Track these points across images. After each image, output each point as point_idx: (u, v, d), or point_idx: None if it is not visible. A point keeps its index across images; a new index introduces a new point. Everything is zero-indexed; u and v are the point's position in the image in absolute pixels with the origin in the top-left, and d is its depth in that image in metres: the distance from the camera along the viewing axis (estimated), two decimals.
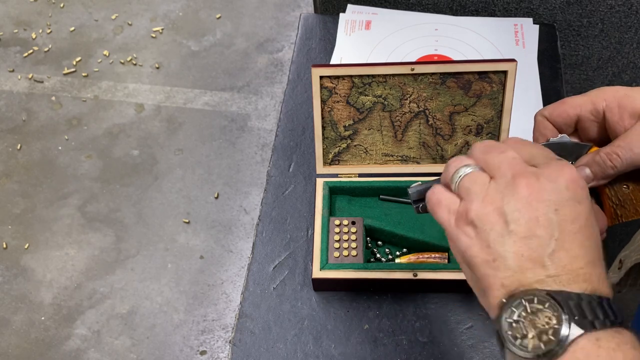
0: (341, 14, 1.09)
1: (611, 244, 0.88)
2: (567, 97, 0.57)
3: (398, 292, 0.78)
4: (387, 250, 0.81)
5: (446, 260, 0.76)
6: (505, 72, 0.75)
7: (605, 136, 0.54)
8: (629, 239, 0.81)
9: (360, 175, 0.83)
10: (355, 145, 0.81)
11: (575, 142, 0.54)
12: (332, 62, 1.03)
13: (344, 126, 0.80)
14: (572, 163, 0.51)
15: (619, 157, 0.49)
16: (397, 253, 0.80)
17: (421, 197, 0.52)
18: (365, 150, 0.82)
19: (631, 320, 0.77)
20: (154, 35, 2.48)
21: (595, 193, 0.54)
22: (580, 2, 1.07)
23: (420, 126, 0.80)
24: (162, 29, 2.51)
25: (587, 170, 0.50)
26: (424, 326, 0.75)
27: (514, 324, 0.39)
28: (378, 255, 0.80)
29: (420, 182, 0.54)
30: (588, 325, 0.37)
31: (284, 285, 0.80)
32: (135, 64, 2.40)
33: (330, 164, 0.83)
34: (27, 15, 2.59)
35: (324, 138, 0.80)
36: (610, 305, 0.38)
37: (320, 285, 0.78)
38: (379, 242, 0.82)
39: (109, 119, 2.24)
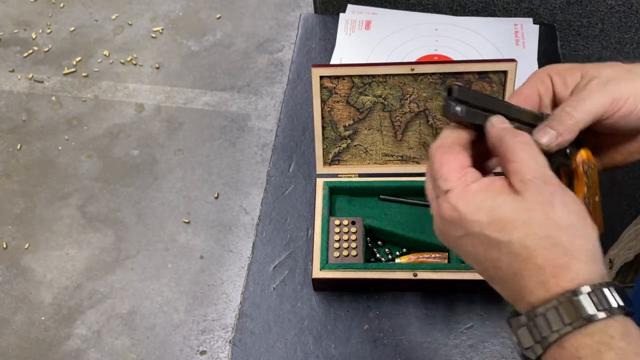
0: (341, 14, 1.09)
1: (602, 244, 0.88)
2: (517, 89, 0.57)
3: (398, 292, 0.78)
4: (387, 250, 0.81)
5: (446, 260, 0.76)
6: (505, 72, 0.75)
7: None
8: (617, 238, 0.81)
9: (360, 175, 0.83)
10: (355, 145, 0.81)
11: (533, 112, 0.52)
12: (332, 62, 1.03)
13: (344, 126, 0.80)
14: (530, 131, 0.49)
15: (574, 108, 0.50)
16: (397, 253, 0.80)
17: (462, 100, 0.47)
18: (365, 150, 0.82)
19: None
20: (154, 35, 2.48)
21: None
22: (581, 2, 1.07)
23: (420, 126, 0.80)
24: (162, 29, 2.51)
25: (551, 131, 0.50)
26: (423, 326, 0.75)
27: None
28: (378, 255, 0.81)
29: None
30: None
31: (284, 285, 0.80)
32: (135, 64, 2.40)
33: (330, 164, 0.83)
34: (27, 15, 2.59)
35: (324, 138, 0.81)
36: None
37: (320, 285, 0.78)
38: (379, 242, 0.82)
39: (109, 119, 2.24)
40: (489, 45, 1.04)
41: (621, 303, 0.40)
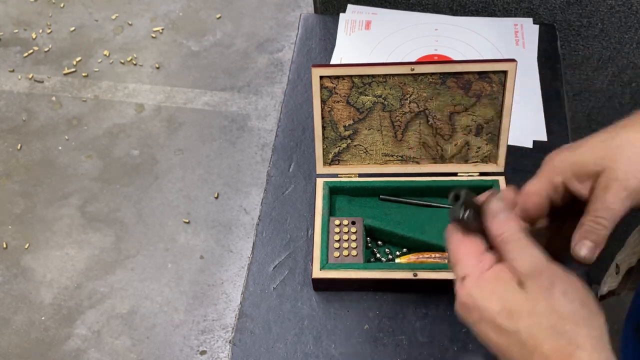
0: (341, 14, 1.09)
1: (608, 248, 0.88)
2: (525, 185, 0.57)
3: (398, 292, 0.78)
4: (387, 250, 0.81)
5: (446, 260, 0.76)
6: (505, 72, 0.75)
7: (569, 199, 0.56)
8: (624, 241, 0.81)
9: (360, 175, 0.83)
10: (355, 145, 0.81)
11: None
12: (332, 62, 1.03)
13: (344, 126, 0.80)
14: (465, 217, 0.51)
15: (605, 219, 0.52)
16: (397, 253, 0.80)
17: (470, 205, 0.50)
18: (365, 150, 0.82)
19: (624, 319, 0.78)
20: (154, 35, 2.49)
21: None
22: (580, 2, 1.07)
23: (420, 126, 0.80)
24: (162, 29, 2.51)
25: (589, 243, 0.52)
26: (424, 326, 0.75)
27: None
28: (378, 255, 0.81)
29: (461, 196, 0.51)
30: None
31: (284, 285, 0.80)
32: (135, 64, 2.40)
33: (330, 164, 0.83)
34: (27, 15, 2.59)
35: (324, 138, 0.81)
36: None
37: (320, 285, 0.78)
38: (379, 242, 0.82)
39: (109, 119, 2.24)
40: (489, 45, 1.04)
41: None
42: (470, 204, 0.50)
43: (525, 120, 0.93)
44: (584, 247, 0.52)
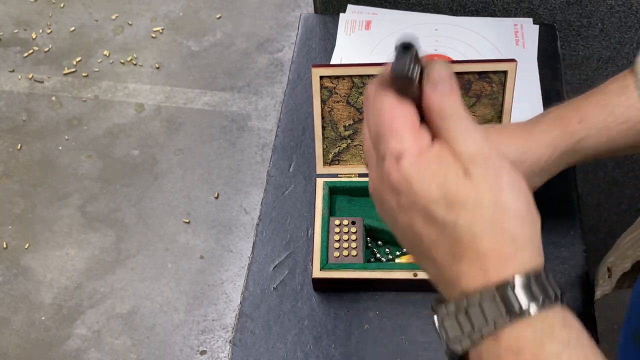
0: (341, 14, 1.09)
1: (602, 248, 0.88)
2: None
3: (398, 292, 0.78)
4: (387, 250, 0.81)
5: None
6: (505, 72, 0.75)
7: None
8: (613, 244, 0.81)
9: (360, 175, 0.83)
10: (355, 145, 0.81)
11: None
12: (332, 62, 1.03)
13: (344, 126, 0.80)
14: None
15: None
16: (397, 253, 0.80)
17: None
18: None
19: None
20: (154, 35, 2.49)
21: None
22: (580, 2, 1.07)
23: None
24: (162, 29, 2.51)
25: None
26: (423, 326, 0.75)
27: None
28: (378, 255, 0.81)
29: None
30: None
31: (284, 285, 0.80)
32: (135, 64, 2.40)
33: (330, 164, 0.83)
34: (27, 15, 2.59)
35: (324, 138, 0.81)
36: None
37: (320, 285, 0.78)
38: (379, 242, 0.82)
39: (109, 119, 2.24)
40: (489, 45, 1.04)
41: (559, 293, 0.38)
42: (417, 60, 0.39)
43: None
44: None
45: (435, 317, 0.40)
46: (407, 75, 0.38)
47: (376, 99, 0.41)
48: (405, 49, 0.38)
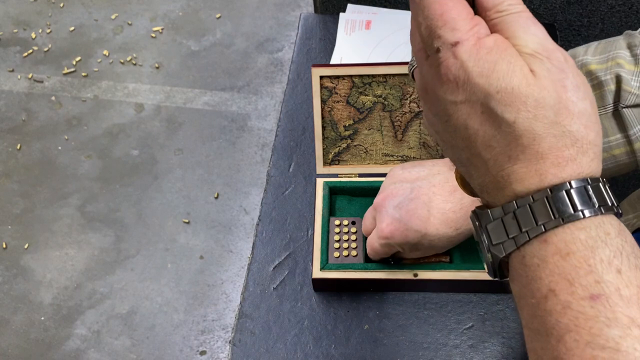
0: (341, 14, 1.09)
1: None
2: None
3: (398, 292, 0.78)
4: None
5: (447, 260, 0.76)
6: None
7: None
8: None
9: (360, 175, 0.83)
10: (355, 145, 0.81)
11: None
12: (332, 62, 1.03)
13: (344, 126, 0.80)
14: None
15: None
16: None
17: None
18: (365, 150, 0.82)
19: None
20: (153, 35, 2.48)
21: None
22: (581, 2, 1.06)
23: (421, 126, 0.80)
24: (162, 29, 2.50)
25: None
26: (423, 326, 0.75)
27: None
28: None
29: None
30: None
31: (284, 286, 0.80)
32: (135, 64, 2.40)
33: (330, 164, 0.83)
34: (27, 15, 2.59)
35: (324, 138, 0.80)
36: None
37: (321, 285, 0.78)
38: None
39: (108, 119, 2.24)
40: None
41: (616, 203, 0.36)
42: None
43: None
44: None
45: (477, 222, 0.38)
46: None
47: None
48: None
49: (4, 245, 1.95)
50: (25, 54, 2.45)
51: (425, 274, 0.74)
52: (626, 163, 0.64)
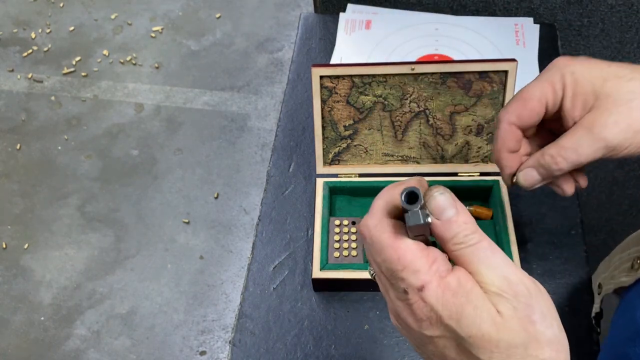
0: (341, 14, 1.09)
1: (604, 248, 0.87)
2: (523, 89, 0.51)
3: None
4: None
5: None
6: (505, 72, 0.75)
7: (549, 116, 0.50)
8: (619, 240, 0.80)
9: (361, 175, 0.83)
10: (355, 145, 0.81)
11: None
12: (332, 61, 1.03)
13: (344, 126, 0.80)
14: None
15: (565, 160, 0.47)
16: None
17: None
18: (365, 150, 0.81)
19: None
20: (153, 35, 2.48)
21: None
22: (581, 2, 1.06)
23: (421, 126, 0.80)
24: (162, 29, 2.50)
25: (534, 173, 0.48)
26: None
27: None
28: None
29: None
30: None
31: (284, 286, 0.80)
32: (135, 64, 2.40)
33: (330, 164, 0.83)
34: (27, 15, 2.58)
35: (324, 138, 0.80)
36: None
37: (321, 285, 0.78)
38: None
39: (108, 119, 2.24)
40: (490, 45, 1.04)
41: None
42: (424, 204, 0.40)
43: None
44: (528, 176, 0.46)
45: None
46: (424, 224, 0.39)
47: (373, 239, 0.40)
48: (411, 199, 0.39)
49: (4, 245, 1.94)
50: (25, 53, 2.45)
51: None
52: None
